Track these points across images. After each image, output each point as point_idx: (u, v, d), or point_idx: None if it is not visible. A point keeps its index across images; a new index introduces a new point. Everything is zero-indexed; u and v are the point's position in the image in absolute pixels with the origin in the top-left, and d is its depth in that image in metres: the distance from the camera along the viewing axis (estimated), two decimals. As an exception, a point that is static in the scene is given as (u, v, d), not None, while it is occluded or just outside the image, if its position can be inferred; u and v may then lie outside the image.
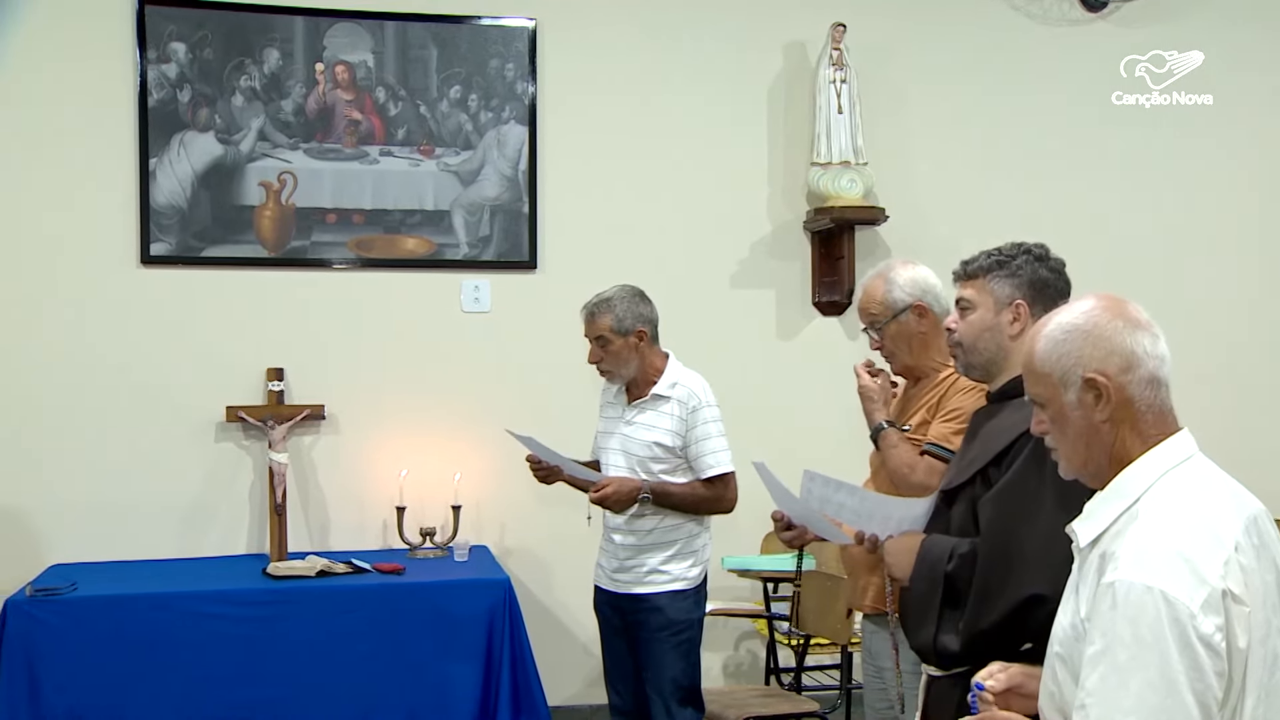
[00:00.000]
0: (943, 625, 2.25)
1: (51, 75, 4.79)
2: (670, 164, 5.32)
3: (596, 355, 3.72)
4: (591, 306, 3.73)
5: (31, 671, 4.02)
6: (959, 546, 2.27)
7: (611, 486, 3.62)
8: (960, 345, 2.47)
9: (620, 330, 3.66)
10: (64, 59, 4.79)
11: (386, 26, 5.07)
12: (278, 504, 4.79)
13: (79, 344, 4.81)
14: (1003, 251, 2.46)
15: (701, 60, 5.34)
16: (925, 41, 5.49)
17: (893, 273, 3.01)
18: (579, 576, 5.07)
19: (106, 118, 4.82)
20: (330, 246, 5.04)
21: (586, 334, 3.73)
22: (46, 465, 4.76)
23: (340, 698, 4.27)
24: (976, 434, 2.40)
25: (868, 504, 2.48)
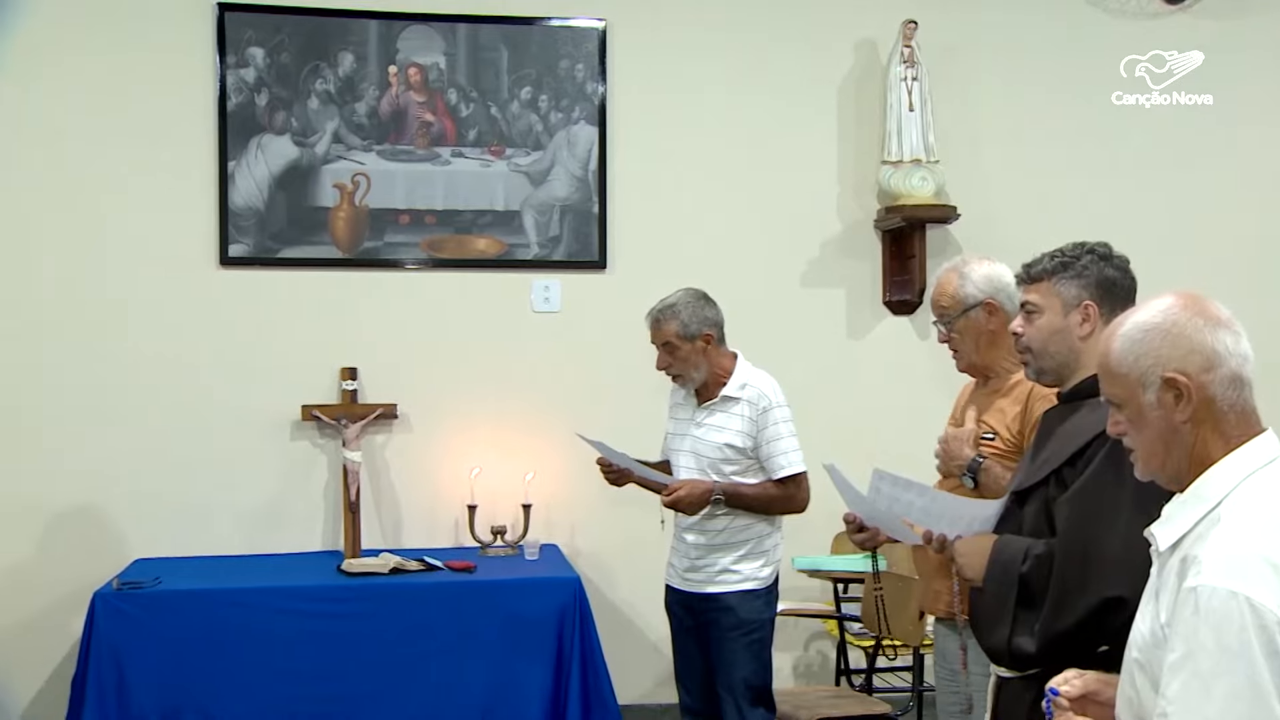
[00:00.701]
0: (1017, 627, 2.23)
1: (135, 81, 4.89)
2: (740, 163, 5.31)
3: (664, 361, 3.73)
4: (656, 313, 3.73)
5: (119, 662, 4.12)
6: (1033, 547, 2.24)
7: (684, 489, 3.63)
8: (1030, 350, 2.44)
9: (687, 335, 3.67)
10: (147, 65, 4.90)
11: (458, 29, 5.12)
12: (351, 502, 4.86)
13: (162, 344, 4.91)
14: (1066, 252, 2.43)
15: (771, 59, 5.32)
16: (998, 37, 5.42)
17: (967, 267, 2.99)
18: (648, 576, 5.08)
19: (188, 122, 4.92)
20: (403, 247, 5.10)
21: (653, 340, 3.74)
22: (131, 462, 4.86)
23: (413, 694, 4.31)
24: (1049, 434, 2.37)
25: (938, 504, 2.46)
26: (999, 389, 2.95)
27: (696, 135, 5.28)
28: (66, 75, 4.84)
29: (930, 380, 5.16)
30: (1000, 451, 2.83)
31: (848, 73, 5.37)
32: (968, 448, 2.85)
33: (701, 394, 3.76)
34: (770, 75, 5.32)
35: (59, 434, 4.81)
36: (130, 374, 4.88)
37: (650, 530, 4.65)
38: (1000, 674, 2.34)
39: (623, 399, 5.04)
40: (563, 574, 4.58)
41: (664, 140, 5.27)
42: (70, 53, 4.85)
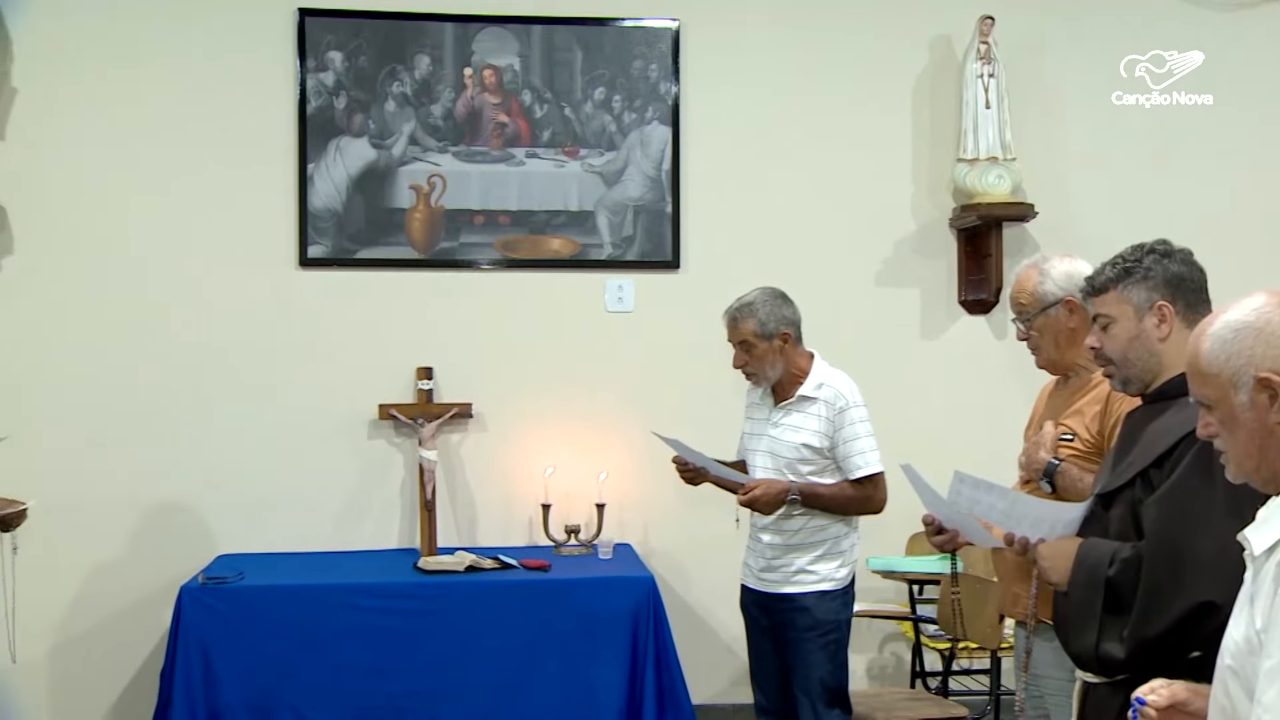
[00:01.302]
0: (1105, 632, 2.19)
1: (218, 85, 4.98)
2: (813, 162, 5.28)
3: (741, 360, 3.73)
4: (733, 311, 3.73)
5: (205, 654, 4.20)
6: (1120, 551, 2.20)
7: (760, 488, 3.63)
8: (1111, 362, 2.40)
9: (764, 334, 3.66)
10: (230, 69, 4.98)
11: (533, 30, 5.16)
12: (427, 500, 4.91)
13: (244, 344, 4.99)
14: (1126, 258, 2.39)
15: (845, 57, 5.29)
16: (1077, 32, 5.34)
17: (1047, 265, 2.95)
18: (722, 575, 5.07)
19: (269, 125, 5.00)
20: (477, 247, 5.14)
21: (730, 339, 3.73)
22: (214, 459, 4.96)
23: (488, 691, 4.35)
24: (1134, 436, 2.33)
25: (1019, 506, 2.43)
26: (1078, 389, 2.91)
27: (770, 134, 5.27)
28: (153, 79, 4.95)
29: (1007, 380, 5.11)
30: (1079, 453, 2.79)
31: (923, 70, 5.32)
32: (1044, 451, 2.81)
33: (778, 393, 3.76)
34: (844, 73, 5.29)
35: (146, 432, 4.92)
36: (213, 373, 4.97)
37: (724, 530, 4.65)
38: (1086, 679, 2.30)
39: (696, 398, 5.04)
40: (637, 573, 4.59)
41: (737, 139, 5.26)
42: (157, 57, 4.95)
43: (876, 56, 5.30)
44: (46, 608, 4.77)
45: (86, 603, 4.86)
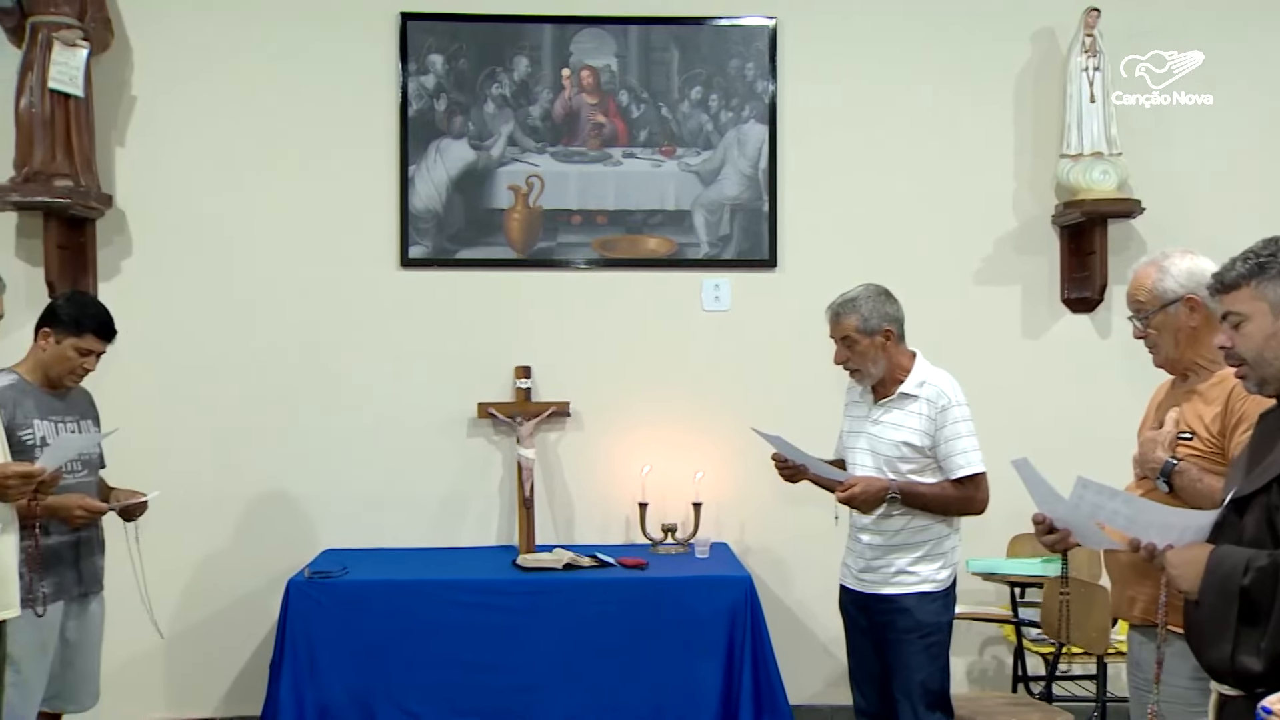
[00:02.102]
0: (1241, 644, 2.12)
1: (322, 89, 5.09)
2: (912, 159, 5.23)
3: (842, 355, 3.70)
4: (836, 307, 3.70)
5: (311, 647, 4.29)
6: (1255, 559, 2.13)
7: (859, 486, 3.59)
8: (1245, 362, 2.33)
9: (866, 330, 3.63)
10: (334, 73, 5.09)
11: (630, 30, 5.18)
12: (526, 498, 4.95)
13: (347, 343, 5.09)
14: (1259, 253, 2.31)
15: (945, 52, 5.23)
16: (1185, 24, 5.21)
17: (1168, 261, 2.88)
18: (820, 575, 5.05)
19: (371, 128, 5.10)
20: (575, 247, 5.17)
21: (832, 334, 3.71)
22: (318, 456, 5.06)
23: (587, 688, 4.37)
24: (1270, 438, 2.25)
25: (1146, 513, 2.36)
26: (1197, 388, 2.83)
27: (868, 131, 5.23)
28: (259, 84, 5.07)
29: (1113, 380, 5.02)
30: (1199, 453, 2.72)
31: (1025, 64, 5.24)
32: (1162, 450, 2.74)
33: (878, 391, 3.72)
34: (943, 68, 5.23)
35: (254, 429, 5.04)
36: (317, 372, 5.08)
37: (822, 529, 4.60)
38: (1223, 692, 2.24)
39: (793, 397, 5.03)
40: (734, 572, 4.58)
41: (835, 137, 5.23)
42: (263, 63, 5.07)
43: (977, 51, 5.23)
44: (161, 598, 4.87)
45: (199, 594, 5.00)
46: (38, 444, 3.54)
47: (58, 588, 3.59)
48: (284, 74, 5.07)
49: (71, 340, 3.64)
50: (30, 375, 3.66)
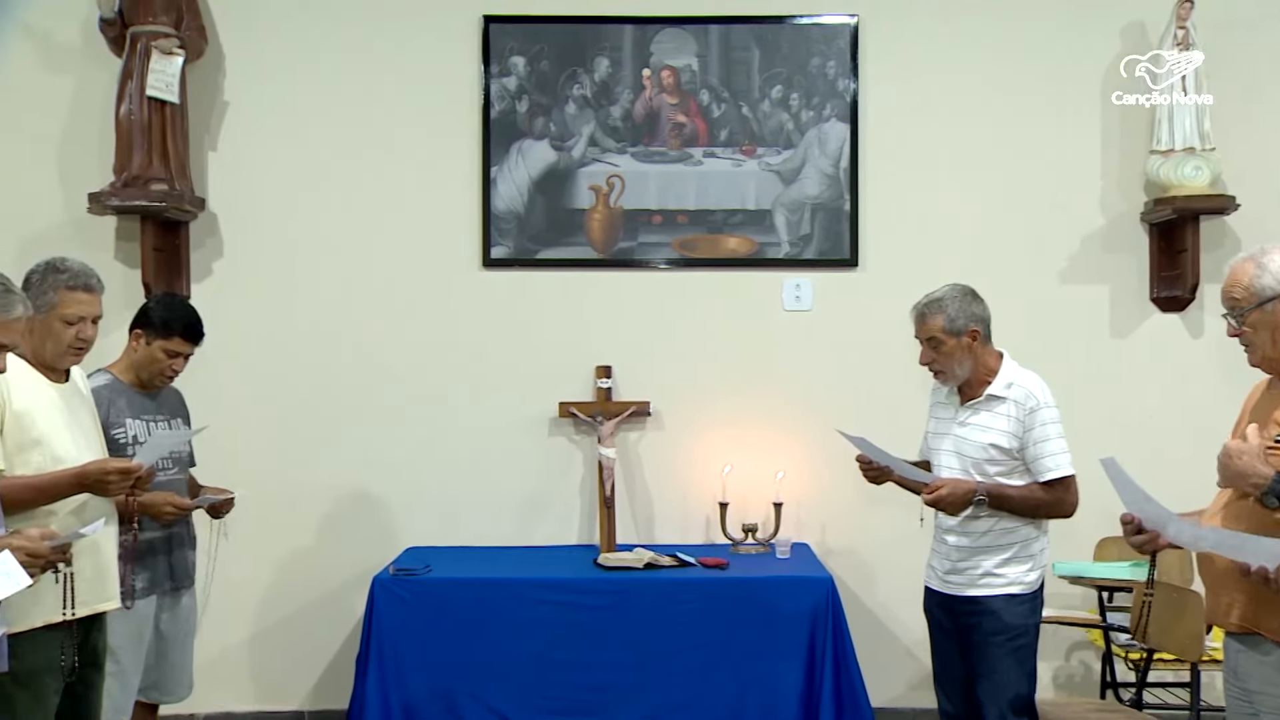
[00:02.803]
0: None
1: (407, 93, 5.15)
2: (997, 156, 5.16)
3: (928, 356, 3.66)
4: (922, 307, 3.67)
5: (396, 643, 4.35)
6: None
7: (945, 488, 3.54)
8: None
9: (952, 330, 3.59)
10: (418, 76, 5.15)
11: (710, 30, 5.17)
12: (607, 497, 4.97)
13: (430, 343, 5.15)
14: None
15: (1031, 47, 5.15)
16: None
17: (1266, 257, 2.79)
18: (903, 577, 5.01)
19: (454, 129, 5.15)
20: (655, 247, 5.18)
21: (917, 335, 3.68)
22: (401, 454, 5.13)
23: (665, 687, 4.38)
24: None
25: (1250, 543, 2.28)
26: None
27: (951, 128, 5.17)
28: (345, 88, 5.14)
29: (1206, 380, 4.91)
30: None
31: (1114, 57, 5.12)
32: (1260, 463, 2.59)
33: (964, 392, 3.68)
34: (1028, 64, 5.15)
35: (338, 427, 5.12)
36: (401, 371, 5.14)
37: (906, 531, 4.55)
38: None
39: (875, 398, 4.99)
40: (815, 573, 4.56)
41: (917, 134, 5.17)
42: (349, 67, 5.15)
43: (1064, 46, 5.14)
44: (250, 593, 5.02)
45: (286, 590, 5.09)
46: (130, 442, 3.63)
47: (151, 581, 3.69)
48: (368, 77, 5.14)
49: (160, 342, 3.73)
50: (124, 375, 3.76)
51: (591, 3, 5.14)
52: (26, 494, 3.04)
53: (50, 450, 3.16)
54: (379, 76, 5.15)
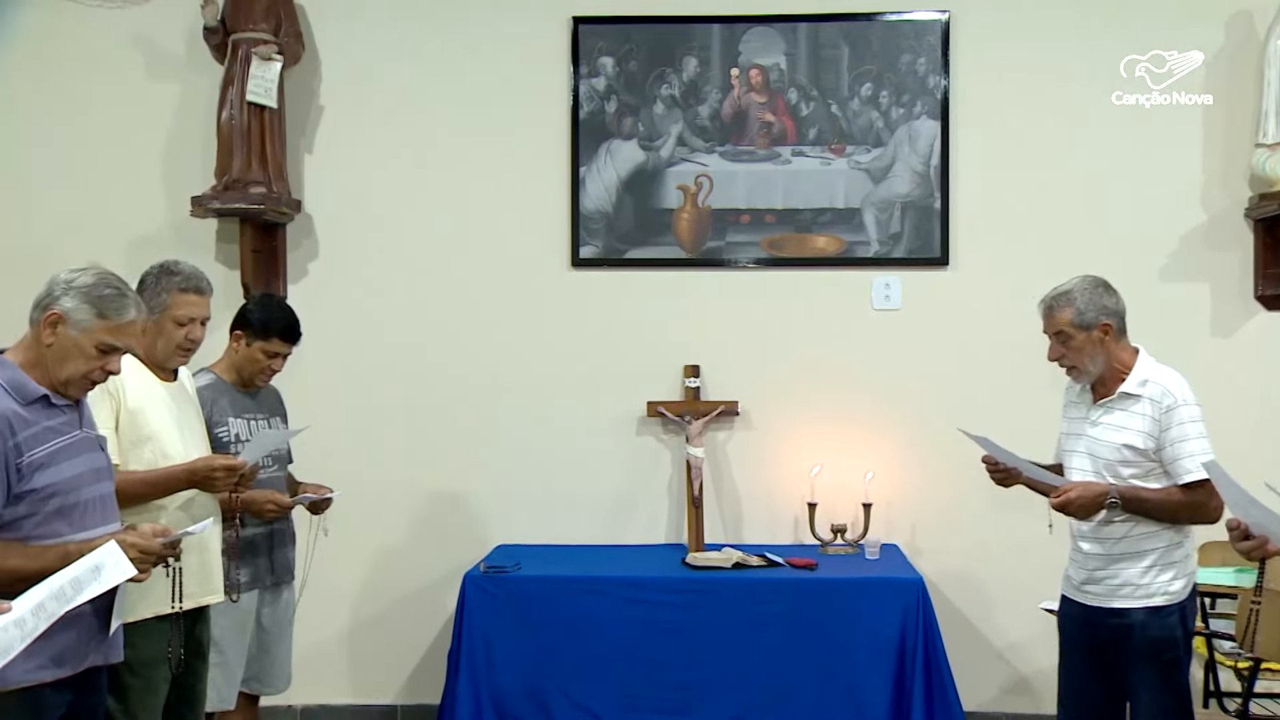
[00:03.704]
0: None
1: (497, 92, 5.20)
2: (1092, 152, 5.06)
3: (1057, 352, 3.45)
4: (1049, 300, 3.47)
5: (487, 640, 4.41)
6: None
7: (1074, 491, 3.32)
8: None
9: (1082, 324, 3.38)
10: (507, 77, 5.20)
11: (799, 28, 5.15)
12: (695, 496, 4.98)
13: (519, 342, 5.20)
14: None
15: (1127, 41, 5.03)
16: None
17: None
18: (995, 579, 4.98)
19: (543, 130, 5.19)
20: (744, 246, 5.18)
21: (1045, 330, 3.47)
22: (492, 452, 5.18)
23: (755, 687, 4.39)
24: None
25: None
26: None
27: (1045, 124, 5.08)
28: (437, 90, 5.21)
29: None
30: None
31: (1218, 49, 5.00)
32: None
33: (1097, 390, 3.46)
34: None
35: (430, 426, 5.19)
36: (491, 370, 5.20)
37: (994, 532, 4.52)
38: None
39: (966, 398, 4.94)
40: (906, 574, 4.53)
41: (1010, 131, 5.10)
42: (441, 69, 5.21)
43: (1163, 38, 5.01)
44: (346, 589, 5.12)
45: (380, 586, 5.18)
46: (232, 440, 3.73)
47: (253, 576, 3.78)
48: (459, 80, 5.21)
49: (260, 343, 3.82)
50: (226, 375, 3.86)
51: (680, 3, 5.15)
52: (140, 488, 3.15)
53: (160, 447, 3.26)
54: (469, 79, 5.21)
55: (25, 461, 2.56)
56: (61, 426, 2.67)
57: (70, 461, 2.66)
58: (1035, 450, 3.63)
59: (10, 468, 2.54)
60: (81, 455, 2.70)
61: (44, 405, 2.65)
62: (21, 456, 2.56)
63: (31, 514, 2.58)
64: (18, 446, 2.56)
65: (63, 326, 2.67)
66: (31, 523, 2.58)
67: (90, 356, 2.69)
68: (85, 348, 2.68)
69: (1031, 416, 4.16)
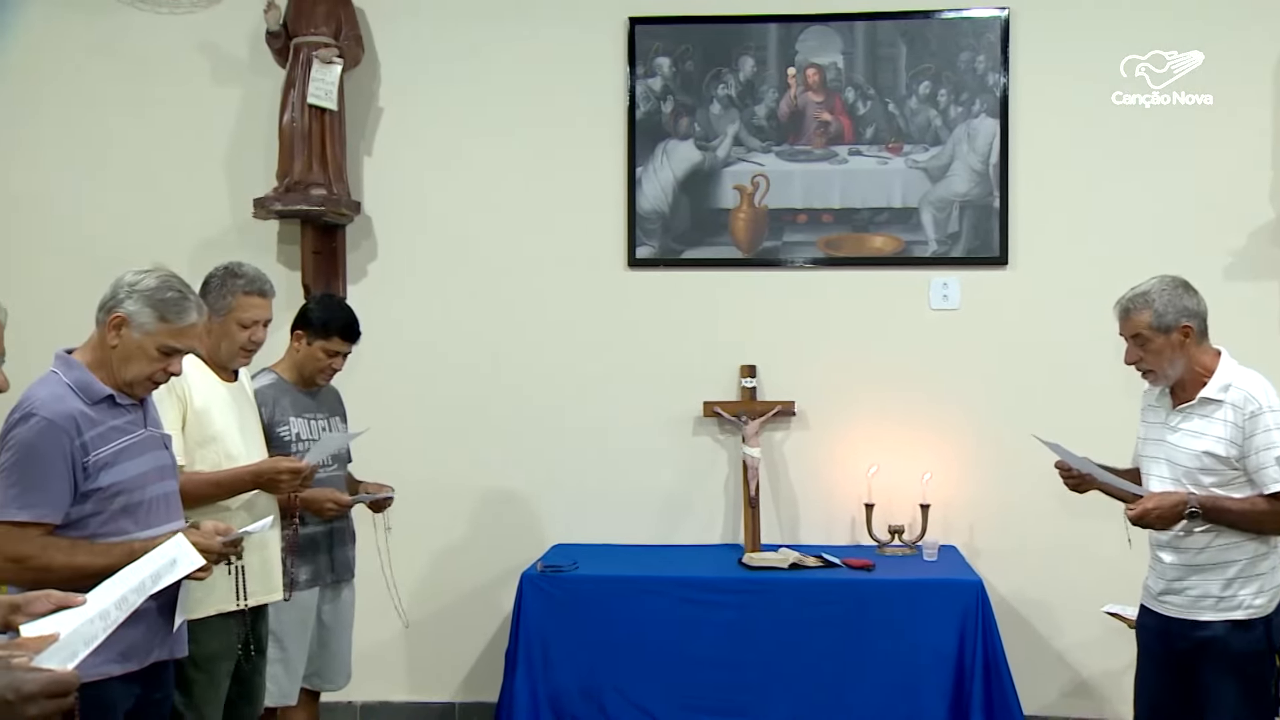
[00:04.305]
0: None
1: (554, 96, 5.22)
2: (1156, 150, 4.98)
3: (1134, 355, 3.35)
4: (1126, 302, 3.37)
5: (544, 639, 4.42)
6: None
7: (1152, 501, 3.21)
8: None
9: (1161, 327, 3.27)
10: (564, 77, 5.21)
11: (856, 27, 5.12)
12: (751, 497, 4.97)
13: (575, 342, 5.21)
14: None
15: (1193, 35, 4.94)
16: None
17: None
18: (1054, 581, 4.92)
19: (600, 131, 5.20)
20: (800, 246, 5.16)
21: (1122, 332, 3.38)
22: (548, 452, 5.20)
23: (811, 689, 4.37)
24: None
25: None
26: None
27: (1106, 122, 5.01)
28: (494, 92, 5.24)
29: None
30: None
31: None
32: None
33: (1177, 395, 3.35)
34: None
35: (487, 425, 5.23)
36: (548, 369, 5.22)
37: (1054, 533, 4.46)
38: None
39: (1025, 399, 4.90)
40: (964, 576, 4.49)
41: (1071, 129, 5.03)
42: (498, 70, 5.24)
43: (1229, 36, 4.93)
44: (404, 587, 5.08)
45: (437, 584, 5.22)
46: (293, 440, 3.78)
47: (313, 574, 3.83)
48: (515, 81, 5.23)
49: (320, 342, 3.87)
50: (287, 374, 3.91)
51: (737, 2, 5.14)
52: (208, 489, 3.22)
53: (224, 447, 3.32)
54: (526, 81, 5.24)
55: (91, 460, 2.62)
56: (127, 425, 2.73)
57: (135, 460, 2.72)
58: (1097, 452, 3.57)
59: (77, 466, 2.60)
60: (146, 454, 2.76)
61: (109, 405, 2.71)
62: (88, 455, 2.62)
63: (98, 512, 2.64)
64: (84, 445, 2.62)
65: (126, 329, 2.72)
66: (98, 520, 2.65)
67: (153, 358, 2.74)
68: (148, 350, 2.73)
69: (1093, 418, 4.13)
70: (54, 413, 2.61)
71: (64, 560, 2.56)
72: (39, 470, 2.57)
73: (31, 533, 2.58)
